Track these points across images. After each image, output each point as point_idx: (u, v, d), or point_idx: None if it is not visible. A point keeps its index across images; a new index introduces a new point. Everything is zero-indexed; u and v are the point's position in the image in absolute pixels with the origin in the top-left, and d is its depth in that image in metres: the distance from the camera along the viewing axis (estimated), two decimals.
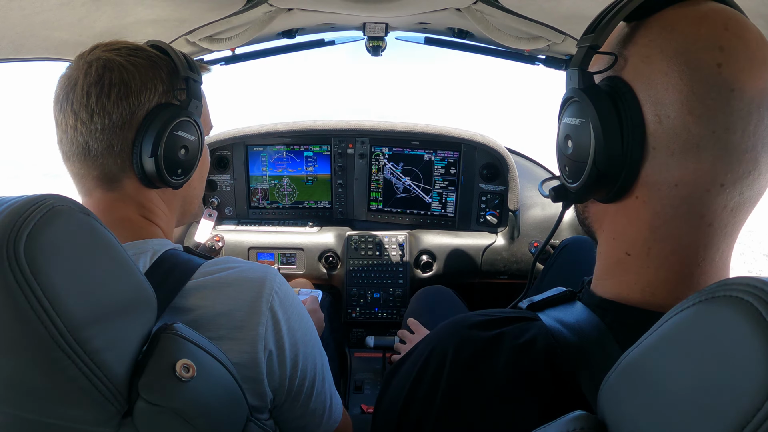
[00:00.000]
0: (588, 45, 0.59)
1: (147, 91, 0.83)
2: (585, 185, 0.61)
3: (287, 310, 0.82)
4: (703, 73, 0.52)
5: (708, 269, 0.58)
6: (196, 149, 0.92)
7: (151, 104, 0.84)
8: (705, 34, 0.53)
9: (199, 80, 0.91)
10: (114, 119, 0.81)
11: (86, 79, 0.80)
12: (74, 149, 0.82)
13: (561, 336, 0.62)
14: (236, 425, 0.71)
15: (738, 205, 0.56)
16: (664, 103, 0.54)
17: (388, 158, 2.20)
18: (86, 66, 0.81)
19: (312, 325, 0.91)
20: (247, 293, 0.78)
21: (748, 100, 0.52)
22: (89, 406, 0.55)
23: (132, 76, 0.82)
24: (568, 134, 0.63)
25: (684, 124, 0.53)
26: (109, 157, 0.82)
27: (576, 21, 1.34)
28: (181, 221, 1.03)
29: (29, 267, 0.49)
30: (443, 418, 0.64)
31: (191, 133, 0.89)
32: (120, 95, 0.81)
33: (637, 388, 0.43)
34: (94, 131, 0.80)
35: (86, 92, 0.80)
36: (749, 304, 0.34)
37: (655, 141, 0.55)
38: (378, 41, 1.91)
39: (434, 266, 2.18)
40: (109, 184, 0.84)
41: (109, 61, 0.81)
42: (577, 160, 0.61)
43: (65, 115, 0.81)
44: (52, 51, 1.26)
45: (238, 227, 2.24)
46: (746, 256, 5.90)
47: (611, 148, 0.57)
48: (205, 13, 1.43)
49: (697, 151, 0.53)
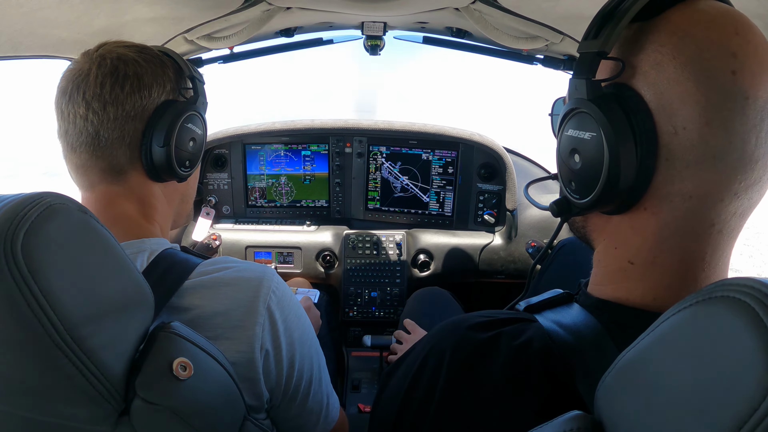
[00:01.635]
0: (595, 51, 0.56)
1: (158, 86, 0.87)
2: (595, 201, 0.58)
3: (284, 309, 0.82)
4: (718, 82, 0.51)
5: (711, 273, 0.57)
6: (201, 143, 0.97)
7: (160, 99, 0.87)
8: (717, 40, 0.51)
9: (202, 80, 0.96)
10: (127, 110, 0.83)
11: (101, 70, 0.82)
12: (83, 139, 0.83)
13: (558, 337, 0.62)
14: (233, 424, 0.71)
15: (746, 210, 0.56)
16: (680, 114, 0.52)
17: (386, 157, 2.20)
18: (99, 58, 0.83)
19: (309, 325, 0.91)
20: (244, 293, 0.78)
21: (760, 108, 0.51)
22: (86, 404, 0.55)
23: (145, 71, 0.85)
24: (575, 148, 0.60)
25: (701, 136, 0.51)
26: (119, 148, 0.84)
27: (574, 21, 1.34)
28: (177, 223, 1.04)
29: (26, 265, 0.49)
30: (440, 418, 0.64)
31: (198, 126, 0.94)
32: (134, 87, 0.84)
33: (634, 388, 0.43)
34: (106, 120, 0.82)
35: (101, 82, 0.82)
36: (746, 304, 0.34)
37: (669, 153, 0.53)
38: (376, 40, 1.91)
39: (431, 265, 2.18)
40: (114, 176, 0.85)
41: (123, 55, 0.84)
42: (587, 175, 0.59)
43: (75, 105, 0.82)
44: (50, 49, 1.26)
45: (235, 226, 2.24)
46: (755, 259, 5.86)
47: (626, 163, 0.54)
48: (204, 11, 1.42)
49: (714, 162, 0.52)
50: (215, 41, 1.65)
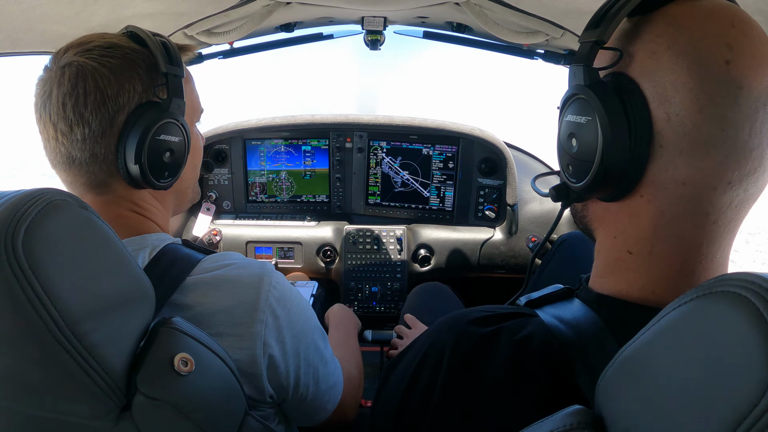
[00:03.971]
0: (593, 40, 0.58)
1: (125, 94, 0.79)
2: (590, 184, 0.60)
3: (286, 304, 0.82)
4: (712, 71, 0.52)
5: (709, 266, 0.58)
6: (181, 150, 0.88)
7: (131, 106, 0.80)
8: (712, 31, 0.53)
9: (180, 74, 0.85)
10: (93, 128, 0.78)
11: (60, 90, 0.77)
12: (58, 159, 0.81)
13: (558, 332, 0.63)
14: (234, 419, 0.71)
15: (742, 202, 0.56)
16: (673, 101, 0.53)
17: (386, 152, 2.19)
18: (59, 74, 0.77)
19: (311, 314, 0.92)
20: (245, 290, 0.78)
21: (755, 98, 0.52)
22: (87, 400, 0.56)
23: (107, 82, 0.78)
24: (572, 132, 0.62)
25: (694, 123, 0.53)
26: (94, 165, 0.80)
27: (575, 16, 1.34)
28: (179, 209, 1.02)
29: (27, 261, 0.49)
30: (441, 413, 0.64)
31: (175, 134, 0.86)
32: (97, 103, 0.77)
33: (635, 382, 0.43)
34: (75, 142, 0.78)
35: (62, 103, 0.77)
36: (746, 299, 0.35)
37: (663, 139, 0.55)
38: (376, 35, 1.90)
39: (432, 260, 2.18)
40: (98, 188, 0.83)
41: (81, 67, 0.77)
42: (583, 158, 0.60)
43: (45, 126, 0.79)
44: (49, 45, 1.25)
45: (236, 221, 2.24)
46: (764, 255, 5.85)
47: (619, 147, 0.56)
48: (204, 6, 1.42)
49: (706, 149, 0.53)
50: (215, 36, 1.64)
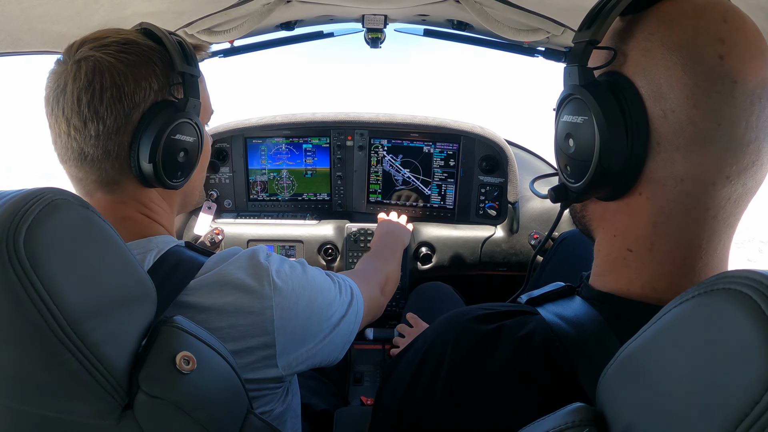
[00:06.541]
0: (586, 40, 0.58)
1: (141, 91, 0.79)
2: (589, 184, 0.60)
3: (287, 279, 0.84)
4: (706, 66, 0.52)
5: (709, 261, 0.58)
6: (195, 150, 0.89)
7: (146, 104, 0.80)
8: (705, 27, 0.53)
9: (196, 74, 0.86)
10: (108, 125, 0.78)
11: (75, 84, 0.76)
12: (70, 154, 0.81)
13: (560, 329, 0.63)
14: (236, 418, 0.71)
15: (741, 196, 0.56)
16: (669, 98, 0.54)
17: (387, 150, 2.19)
18: (75, 68, 0.77)
19: (315, 273, 0.93)
20: (248, 285, 0.79)
21: (750, 92, 0.52)
22: (89, 399, 0.56)
23: (124, 78, 0.78)
24: (569, 132, 0.62)
25: (690, 118, 0.53)
26: (106, 162, 0.80)
27: (575, 13, 1.34)
28: (183, 210, 1.03)
29: (29, 260, 0.49)
30: (443, 411, 0.64)
31: (190, 134, 0.86)
32: (113, 99, 0.77)
33: (636, 380, 0.43)
34: (88, 138, 0.78)
35: (77, 98, 0.76)
36: (748, 296, 0.34)
37: (659, 136, 0.55)
38: (377, 33, 1.90)
39: (433, 258, 2.18)
40: (108, 186, 0.83)
41: (98, 62, 0.77)
42: (580, 158, 0.61)
43: (57, 120, 0.79)
44: (50, 44, 1.26)
45: (237, 220, 2.24)
46: None
47: (616, 146, 0.56)
48: (204, 5, 1.42)
49: (703, 144, 0.53)
50: (216, 35, 1.64)
